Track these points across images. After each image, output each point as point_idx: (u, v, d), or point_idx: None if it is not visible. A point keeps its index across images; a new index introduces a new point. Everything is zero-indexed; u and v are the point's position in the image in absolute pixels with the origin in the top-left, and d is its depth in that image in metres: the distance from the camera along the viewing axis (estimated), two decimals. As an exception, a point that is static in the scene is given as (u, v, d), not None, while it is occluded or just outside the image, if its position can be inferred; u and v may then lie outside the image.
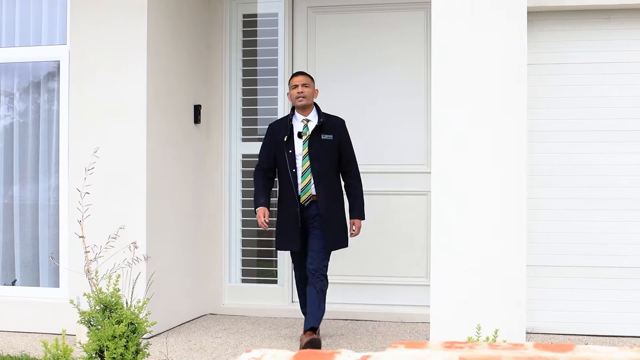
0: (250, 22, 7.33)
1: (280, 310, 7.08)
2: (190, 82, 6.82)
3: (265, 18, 7.34)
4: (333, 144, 6.00)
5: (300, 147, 5.95)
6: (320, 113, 6.05)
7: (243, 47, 7.30)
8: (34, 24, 6.54)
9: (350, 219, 6.12)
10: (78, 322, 4.98)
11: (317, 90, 6.13)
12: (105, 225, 6.03)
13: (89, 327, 4.90)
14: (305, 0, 7.18)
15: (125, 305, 4.96)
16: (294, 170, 5.92)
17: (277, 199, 6.13)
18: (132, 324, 4.81)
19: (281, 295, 7.16)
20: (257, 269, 7.35)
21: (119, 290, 4.94)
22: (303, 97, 5.98)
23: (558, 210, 6.20)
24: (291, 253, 6.20)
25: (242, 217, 7.27)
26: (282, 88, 7.13)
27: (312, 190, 5.91)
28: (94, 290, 5.30)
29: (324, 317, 6.29)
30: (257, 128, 7.31)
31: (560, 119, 6.26)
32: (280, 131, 6.00)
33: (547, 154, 6.20)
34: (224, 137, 7.21)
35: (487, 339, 4.35)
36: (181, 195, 6.69)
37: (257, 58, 7.31)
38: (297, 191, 5.91)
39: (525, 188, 4.86)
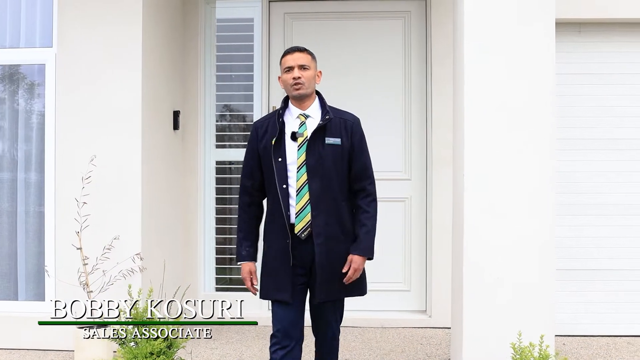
0: (225, 27, 7.23)
1: (257, 319, 6.97)
2: (170, 88, 6.66)
3: (241, 23, 7.25)
4: (342, 152, 4.33)
5: (294, 153, 4.29)
6: (324, 106, 4.41)
7: (217, 52, 7.18)
8: (11, 25, 6.23)
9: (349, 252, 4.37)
10: (110, 339, 4.80)
11: (320, 72, 4.47)
12: (99, 236, 5.82)
13: (120, 344, 4.75)
14: (282, 6, 7.14)
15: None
16: (284, 186, 4.26)
17: (264, 223, 4.50)
18: (166, 339, 4.71)
19: (258, 303, 7.08)
20: (232, 277, 7.26)
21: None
22: (300, 84, 4.31)
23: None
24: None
25: (216, 224, 7.17)
26: (259, 94, 7.08)
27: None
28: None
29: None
30: (231, 135, 7.21)
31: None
32: (268, 131, 4.36)
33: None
34: (199, 143, 7.08)
35: (532, 344, 4.48)
36: (165, 205, 6.53)
37: (232, 64, 7.21)
38: (288, 216, 4.27)
39: (553, 196, 5.01)
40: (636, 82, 6.59)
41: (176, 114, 6.75)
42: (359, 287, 4.49)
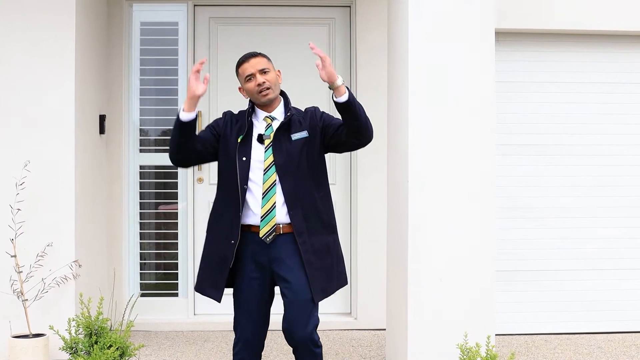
0: (149, 31, 7.16)
1: (184, 324, 6.99)
2: (97, 91, 6.55)
3: (165, 27, 7.18)
4: (312, 140, 4.21)
5: (261, 154, 4.16)
6: (287, 106, 4.30)
7: (142, 55, 7.11)
8: None
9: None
10: (61, 349, 4.72)
11: (279, 71, 4.35)
12: (32, 243, 5.69)
13: (72, 354, 4.68)
14: (207, 10, 7.13)
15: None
16: (245, 186, 4.11)
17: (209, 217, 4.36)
18: (119, 348, 4.66)
19: (184, 308, 7.07)
20: (156, 282, 7.20)
21: (102, 313, 4.75)
22: (267, 88, 4.19)
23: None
24: (235, 306, 4.30)
25: (140, 229, 7.10)
26: (183, 98, 7.02)
27: (281, 218, 4.13)
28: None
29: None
30: (155, 139, 7.16)
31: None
32: (238, 124, 4.26)
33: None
34: (123, 147, 6.98)
35: (478, 345, 4.64)
36: (94, 210, 6.42)
37: (157, 67, 7.14)
38: (239, 216, 4.12)
39: (494, 199, 5.19)
40: (551, 90, 6.90)
41: (102, 118, 6.65)
42: (344, 276, 4.44)
